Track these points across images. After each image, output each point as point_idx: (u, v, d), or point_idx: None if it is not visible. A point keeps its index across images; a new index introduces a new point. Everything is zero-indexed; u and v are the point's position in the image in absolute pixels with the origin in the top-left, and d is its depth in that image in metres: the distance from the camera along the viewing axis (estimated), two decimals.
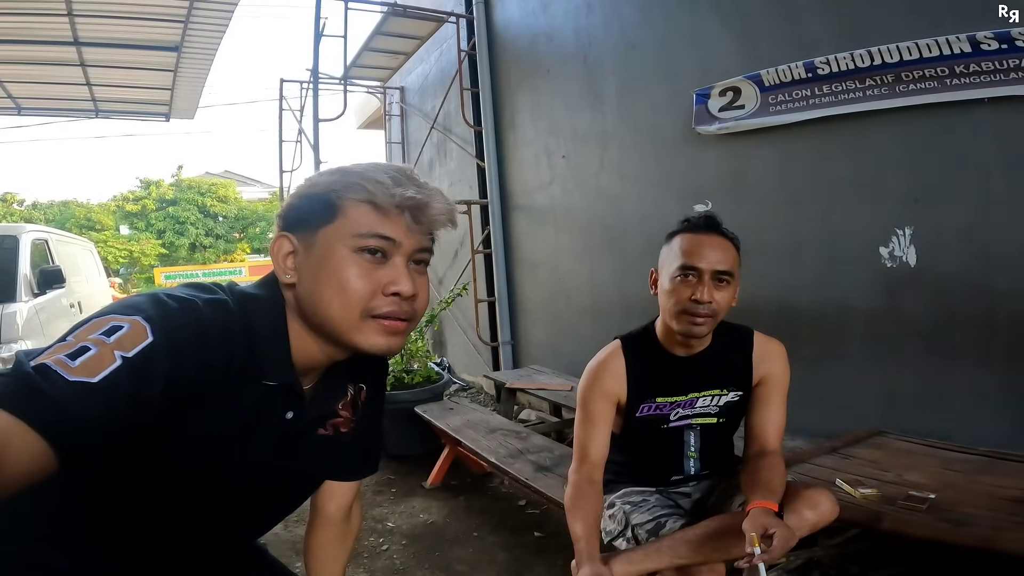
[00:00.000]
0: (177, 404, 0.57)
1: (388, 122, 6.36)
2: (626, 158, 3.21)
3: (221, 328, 0.60)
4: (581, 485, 1.21)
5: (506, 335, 4.35)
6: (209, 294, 0.64)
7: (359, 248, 0.64)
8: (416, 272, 0.67)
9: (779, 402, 1.30)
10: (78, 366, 0.50)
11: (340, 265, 0.63)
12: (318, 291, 0.65)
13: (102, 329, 0.53)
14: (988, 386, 1.88)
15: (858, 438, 1.94)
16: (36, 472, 0.47)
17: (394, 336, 0.66)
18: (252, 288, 0.69)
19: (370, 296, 0.64)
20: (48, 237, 4.47)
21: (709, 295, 1.16)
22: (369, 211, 0.64)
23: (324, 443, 0.77)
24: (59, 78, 5.51)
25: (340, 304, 0.64)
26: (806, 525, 1.12)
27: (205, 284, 0.66)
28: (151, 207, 18.40)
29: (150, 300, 0.58)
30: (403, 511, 2.51)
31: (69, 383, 0.49)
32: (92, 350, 0.51)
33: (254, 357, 0.64)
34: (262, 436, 0.68)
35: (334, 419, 0.77)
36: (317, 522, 0.90)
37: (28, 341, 3.46)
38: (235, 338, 0.62)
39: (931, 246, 1.97)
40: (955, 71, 1.80)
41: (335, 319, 0.65)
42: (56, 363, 0.50)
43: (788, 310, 2.34)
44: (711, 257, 1.17)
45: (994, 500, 1.41)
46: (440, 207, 0.66)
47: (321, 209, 0.65)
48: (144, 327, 0.54)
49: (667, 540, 1.17)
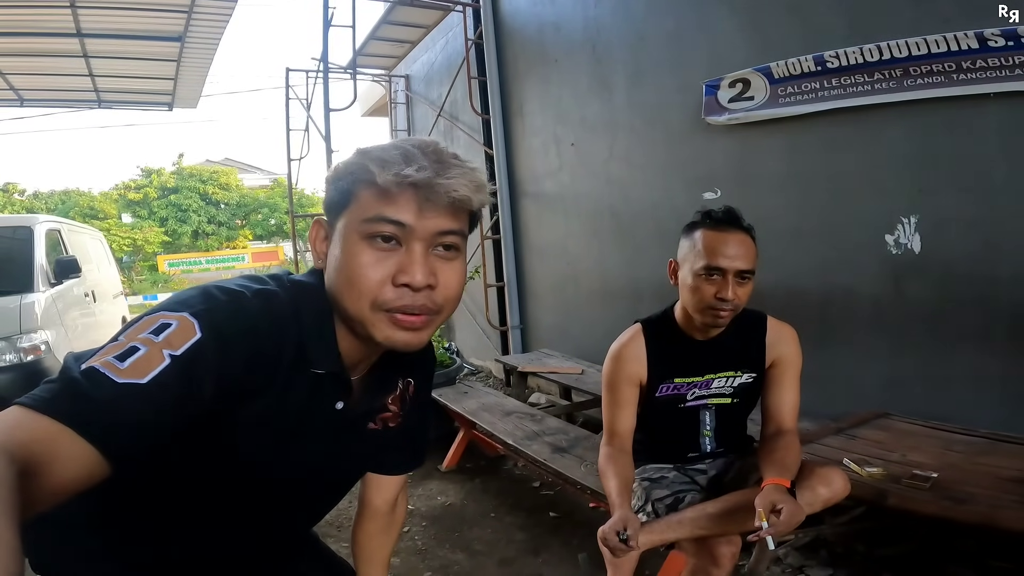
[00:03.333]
0: (229, 398, 0.56)
1: (394, 110, 6.35)
2: (635, 146, 3.24)
3: (271, 319, 0.59)
4: (613, 453, 1.30)
5: (515, 319, 4.42)
6: (260, 284, 0.62)
7: (370, 234, 0.59)
8: (441, 258, 0.62)
9: (792, 383, 1.36)
10: (127, 367, 0.49)
11: (351, 253, 0.60)
12: (337, 280, 0.62)
13: (151, 327, 0.53)
14: (988, 370, 1.93)
15: (863, 419, 2.00)
16: (88, 478, 0.46)
17: (410, 332, 0.61)
18: (303, 276, 0.68)
19: (378, 287, 0.59)
20: (61, 227, 4.51)
21: (733, 293, 1.21)
22: (375, 194, 0.59)
23: (373, 436, 0.76)
24: (61, 69, 5.49)
25: (350, 295, 0.61)
26: (819, 501, 1.19)
27: (257, 275, 0.66)
28: (153, 195, 18.38)
29: (199, 294, 0.58)
30: (421, 494, 2.60)
31: (118, 385, 0.48)
32: (141, 350, 0.51)
33: (304, 346, 0.62)
34: (314, 427, 0.67)
35: (383, 413, 0.76)
36: (364, 514, 0.90)
37: (47, 331, 3.52)
38: (286, 329, 0.61)
39: (935, 234, 2.02)
40: (962, 66, 1.82)
41: (349, 311, 0.62)
42: (105, 365, 0.49)
43: (795, 295, 2.39)
44: (734, 257, 1.22)
45: (994, 480, 1.46)
46: (451, 182, 0.58)
47: (340, 195, 0.62)
48: (192, 323, 0.53)
49: (689, 512, 1.25)
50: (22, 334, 3.36)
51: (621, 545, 1.09)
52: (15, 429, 0.44)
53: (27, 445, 0.43)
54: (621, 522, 1.12)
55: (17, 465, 0.41)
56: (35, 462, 0.43)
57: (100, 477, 0.47)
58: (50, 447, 0.44)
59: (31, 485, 0.41)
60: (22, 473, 0.41)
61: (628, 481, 1.27)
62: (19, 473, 0.40)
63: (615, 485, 1.22)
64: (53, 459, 0.44)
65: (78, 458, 0.45)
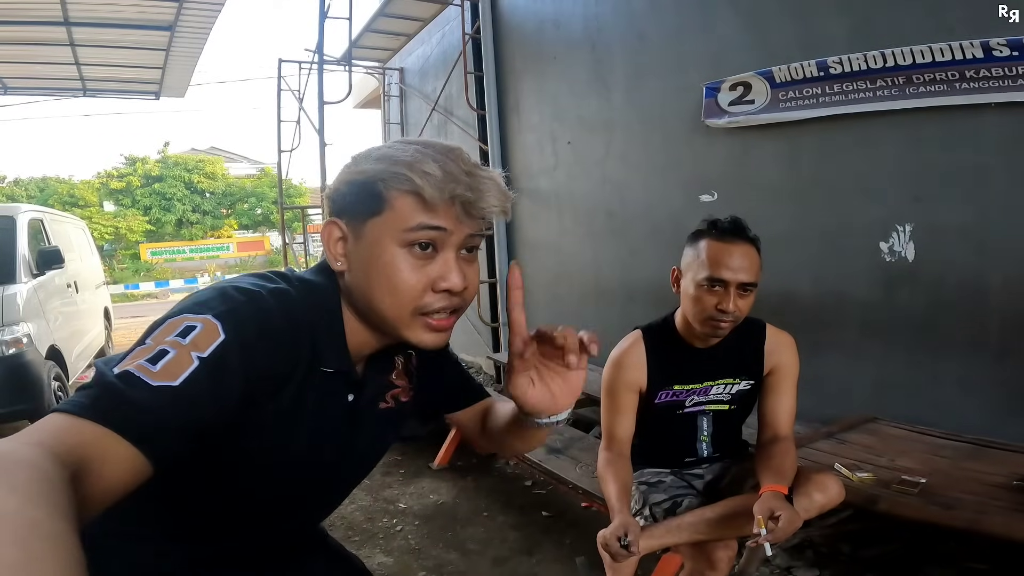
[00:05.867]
0: (254, 397, 0.58)
1: (387, 102, 6.29)
2: (632, 146, 3.24)
3: (288, 319, 0.61)
4: (612, 458, 1.31)
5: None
6: (272, 283, 0.63)
7: (409, 243, 0.61)
8: (466, 260, 0.65)
9: (789, 391, 1.38)
10: (159, 370, 0.50)
11: (390, 262, 0.62)
12: (369, 286, 0.64)
13: (177, 331, 0.54)
14: (976, 376, 1.97)
15: (852, 424, 2.03)
16: (133, 480, 0.48)
17: (441, 333, 0.66)
18: (309, 275, 0.69)
19: (421, 294, 0.62)
20: (43, 216, 4.40)
21: (734, 305, 1.22)
22: (417, 204, 0.61)
23: (387, 415, 0.78)
24: (47, 58, 5.37)
25: (392, 303, 0.63)
26: (815, 507, 1.21)
27: (266, 273, 0.67)
28: (136, 184, 18.04)
29: (218, 295, 0.59)
30: (413, 492, 2.59)
31: (153, 388, 0.49)
32: (171, 353, 0.52)
33: (316, 345, 0.64)
34: (330, 421, 0.69)
35: (392, 391, 0.78)
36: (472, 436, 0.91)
37: (29, 323, 3.44)
38: (301, 328, 0.62)
39: (929, 243, 2.05)
40: (966, 75, 1.83)
41: (386, 314, 0.64)
42: (139, 369, 0.50)
43: (789, 299, 2.41)
44: (737, 269, 1.21)
45: (980, 485, 1.49)
46: (494, 201, 0.62)
47: (369, 199, 0.62)
48: (215, 325, 0.54)
49: (688, 517, 1.26)
50: (4, 326, 3.27)
51: (622, 551, 1.10)
52: (62, 433, 0.45)
53: (75, 450, 0.44)
54: (622, 527, 1.13)
55: (69, 469, 0.42)
56: (84, 466, 0.44)
57: (143, 479, 0.49)
58: (96, 451, 0.45)
59: (82, 489, 0.42)
60: (74, 477, 0.42)
61: (627, 486, 1.28)
62: (72, 477, 0.41)
63: (614, 490, 1.23)
64: (100, 463, 0.45)
65: (123, 460, 0.47)
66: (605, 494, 1.25)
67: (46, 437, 0.44)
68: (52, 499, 0.37)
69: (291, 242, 6.97)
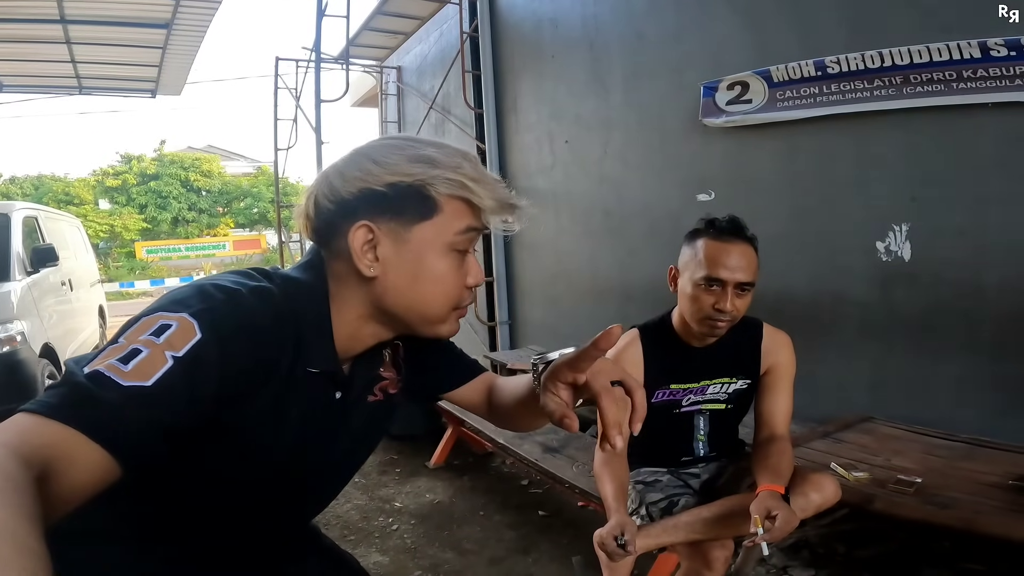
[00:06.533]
0: (232, 397, 0.56)
1: (384, 101, 6.28)
2: (630, 146, 3.24)
3: (270, 318, 0.59)
4: (608, 457, 1.30)
5: (504, 315, 4.42)
6: (254, 282, 0.61)
7: (455, 245, 0.64)
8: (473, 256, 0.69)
9: (786, 390, 1.37)
10: (131, 370, 0.49)
11: (437, 263, 0.64)
12: (414, 288, 0.64)
13: (151, 329, 0.52)
14: (971, 376, 1.98)
15: (848, 424, 2.04)
16: (102, 481, 0.47)
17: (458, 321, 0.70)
18: (295, 272, 0.67)
19: (461, 292, 0.66)
20: (37, 214, 4.38)
21: (731, 305, 1.21)
22: (466, 208, 0.64)
23: (376, 408, 0.77)
24: (43, 55, 5.34)
25: (440, 303, 0.66)
26: (812, 506, 1.20)
27: (248, 271, 0.65)
28: (132, 182, 17.95)
29: (196, 293, 0.57)
30: (409, 491, 2.59)
31: (123, 388, 0.48)
32: (143, 352, 0.50)
33: (300, 345, 0.62)
34: (317, 419, 0.68)
35: (380, 383, 0.77)
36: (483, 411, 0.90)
37: (23, 321, 3.42)
38: (284, 327, 0.60)
39: (926, 243, 2.06)
40: (963, 75, 1.84)
41: (428, 314, 0.66)
42: (109, 368, 0.49)
43: (785, 298, 2.42)
44: (735, 268, 1.21)
45: (975, 485, 1.50)
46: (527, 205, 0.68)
47: (416, 202, 0.62)
48: (192, 323, 0.53)
49: (685, 516, 1.26)
50: None
51: (619, 550, 1.10)
52: (27, 434, 0.44)
53: (41, 451, 0.43)
54: (619, 527, 1.13)
55: (34, 471, 0.41)
56: (50, 468, 0.43)
57: (112, 480, 0.48)
58: (63, 452, 0.44)
59: (48, 490, 0.42)
60: (39, 479, 0.41)
61: (624, 485, 1.28)
62: (37, 479, 0.40)
63: (611, 490, 1.22)
64: (67, 464, 0.44)
65: (90, 461, 0.46)
66: (602, 493, 1.25)
67: (11, 437, 0.43)
68: (15, 500, 0.36)
69: (287, 241, 6.94)
